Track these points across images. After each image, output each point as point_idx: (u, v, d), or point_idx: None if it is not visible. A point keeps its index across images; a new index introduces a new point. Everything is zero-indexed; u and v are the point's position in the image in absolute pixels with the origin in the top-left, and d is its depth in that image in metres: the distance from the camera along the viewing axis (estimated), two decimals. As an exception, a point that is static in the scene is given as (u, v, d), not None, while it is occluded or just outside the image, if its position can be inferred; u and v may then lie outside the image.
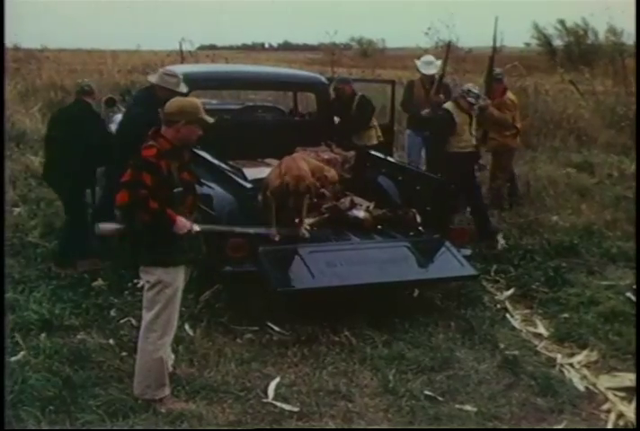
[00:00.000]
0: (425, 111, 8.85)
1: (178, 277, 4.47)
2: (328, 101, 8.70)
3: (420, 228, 6.62)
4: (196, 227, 4.48)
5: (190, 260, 4.57)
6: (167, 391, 4.56)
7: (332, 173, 6.71)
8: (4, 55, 9.79)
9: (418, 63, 9.43)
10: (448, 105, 8.08)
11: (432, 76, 9.18)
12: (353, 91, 8.59)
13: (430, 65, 9.27)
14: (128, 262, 5.42)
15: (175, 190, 4.30)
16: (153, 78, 6.69)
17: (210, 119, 4.46)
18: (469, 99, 7.90)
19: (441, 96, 9.01)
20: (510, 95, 9.16)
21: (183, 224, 4.34)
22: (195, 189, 4.66)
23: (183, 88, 6.56)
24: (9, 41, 19.72)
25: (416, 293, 6.50)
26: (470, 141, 8.07)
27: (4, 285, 6.09)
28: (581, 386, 5.10)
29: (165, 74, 6.60)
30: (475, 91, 7.99)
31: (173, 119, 4.32)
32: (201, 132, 4.48)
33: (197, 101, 4.53)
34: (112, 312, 5.89)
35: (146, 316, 4.52)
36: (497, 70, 9.02)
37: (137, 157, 4.26)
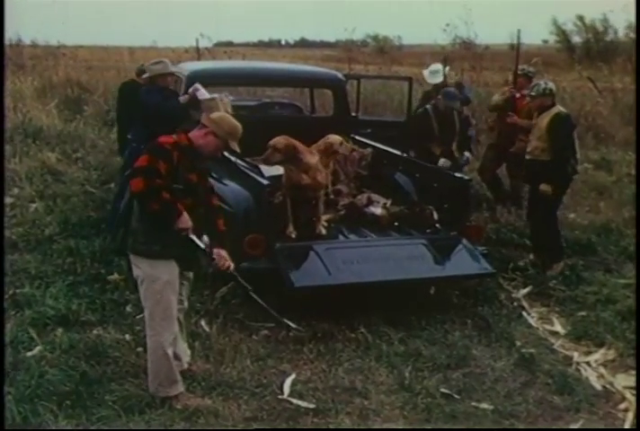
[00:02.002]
0: None
1: (166, 272, 4.37)
2: (345, 98, 8.68)
3: (437, 225, 6.61)
4: (205, 238, 4.45)
5: (177, 256, 4.40)
6: (180, 387, 4.55)
7: (314, 159, 6.46)
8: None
9: (425, 73, 9.44)
10: None
11: (443, 84, 9.12)
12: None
13: (435, 74, 9.25)
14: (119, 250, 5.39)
15: (174, 186, 4.25)
16: (145, 75, 7.64)
17: (237, 148, 4.51)
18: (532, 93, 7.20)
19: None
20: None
21: (186, 220, 4.27)
22: (197, 193, 4.47)
23: (172, 67, 7.40)
24: (27, 38, 19.82)
25: (433, 290, 6.48)
26: (532, 146, 7.22)
27: (15, 282, 6.16)
28: (598, 385, 5.08)
29: (150, 65, 7.43)
30: (541, 85, 7.10)
31: (207, 124, 4.42)
32: (219, 154, 4.64)
33: (241, 129, 4.52)
34: (128, 308, 5.90)
35: (145, 314, 4.53)
36: (528, 68, 8.88)
37: (154, 143, 4.28)
